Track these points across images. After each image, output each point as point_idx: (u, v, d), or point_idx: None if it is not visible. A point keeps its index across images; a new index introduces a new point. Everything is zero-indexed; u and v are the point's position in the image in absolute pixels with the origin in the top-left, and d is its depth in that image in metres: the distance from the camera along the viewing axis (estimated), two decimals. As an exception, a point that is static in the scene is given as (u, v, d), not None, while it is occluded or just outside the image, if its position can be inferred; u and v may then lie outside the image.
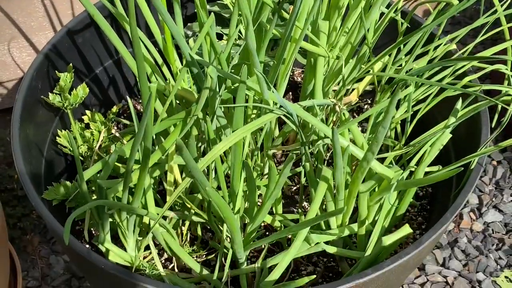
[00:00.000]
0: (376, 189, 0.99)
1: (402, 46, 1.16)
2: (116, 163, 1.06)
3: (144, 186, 0.93)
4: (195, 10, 1.06)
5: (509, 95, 1.04)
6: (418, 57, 1.15)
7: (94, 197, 1.09)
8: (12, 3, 1.38)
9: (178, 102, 1.10)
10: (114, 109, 1.23)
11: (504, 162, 1.61)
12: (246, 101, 1.02)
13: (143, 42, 1.04)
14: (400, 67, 1.15)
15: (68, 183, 1.09)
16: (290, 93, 1.43)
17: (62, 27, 1.45)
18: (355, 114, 1.37)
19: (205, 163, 0.86)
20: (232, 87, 0.98)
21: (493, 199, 1.54)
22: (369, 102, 1.40)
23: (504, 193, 1.55)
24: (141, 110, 1.41)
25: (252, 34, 0.84)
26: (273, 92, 0.89)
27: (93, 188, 1.11)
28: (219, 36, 1.31)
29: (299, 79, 1.46)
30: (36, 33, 1.45)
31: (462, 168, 0.81)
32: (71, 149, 1.15)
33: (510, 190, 1.56)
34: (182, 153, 0.78)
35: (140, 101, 1.43)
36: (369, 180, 0.97)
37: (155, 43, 1.11)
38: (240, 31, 1.22)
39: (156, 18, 1.09)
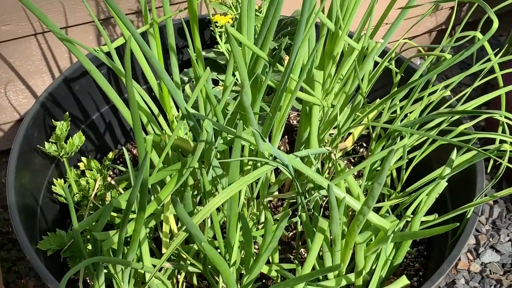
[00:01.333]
0: (373, 239, 0.99)
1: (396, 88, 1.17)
2: (111, 213, 1.05)
3: (139, 238, 0.92)
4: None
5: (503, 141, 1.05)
6: (414, 101, 1.16)
7: (89, 246, 1.09)
8: (9, 47, 1.39)
9: (173, 150, 1.10)
10: (110, 155, 1.23)
11: (500, 201, 1.61)
12: (242, 150, 1.02)
13: (139, 93, 1.04)
14: (395, 114, 1.16)
15: (62, 232, 1.08)
16: (286, 136, 1.43)
17: (59, 70, 1.47)
18: (350, 158, 1.38)
19: (200, 217, 0.86)
20: (228, 138, 0.98)
21: (490, 239, 1.54)
22: (365, 145, 1.41)
23: (501, 233, 1.55)
24: (137, 155, 1.42)
25: (248, 90, 0.84)
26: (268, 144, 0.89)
27: (88, 237, 1.10)
28: (215, 82, 1.32)
29: (295, 122, 1.47)
30: (33, 76, 1.46)
31: (458, 224, 0.81)
32: (66, 198, 1.15)
33: (507, 229, 1.55)
34: (177, 210, 0.78)
35: (136, 145, 1.43)
36: (366, 231, 0.97)
37: (150, 89, 1.12)
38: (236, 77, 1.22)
39: (152, 65, 1.09)
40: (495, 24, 0.86)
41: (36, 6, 0.83)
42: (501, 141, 1.10)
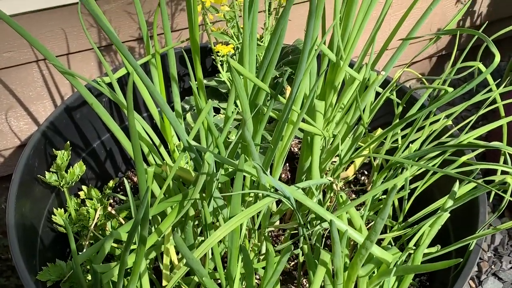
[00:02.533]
0: (375, 272, 0.98)
1: (398, 119, 1.17)
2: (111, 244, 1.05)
3: (139, 271, 0.91)
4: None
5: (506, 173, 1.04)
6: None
7: (89, 277, 1.08)
8: (11, 73, 1.39)
9: (174, 180, 1.09)
10: (111, 183, 1.23)
11: (502, 228, 1.61)
12: (244, 179, 1.02)
13: (140, 123, 1.04)
14: (397, 143, 1.15)
15: (62, 263, 1.07)
16: (287, 164, 1.43)
17: (60, 96, 1.47)
18: (352, 186, 1.37)
19: (201, 251, 0.85)
20: (230, 170, 0.98)
21: (492, 267, 1.53)
22: (366, 173, 1.40)
23: (503, 260, 1.54)
24: (138, 184, 1.41)
25: (250, 124, 0.84)
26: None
27: (88, 267, 1.10)
28: (216, 110, 1.32)
29: (296, 150, 1.47)
30: (34, 102, 1.46)
31: (461, 260, 0.81)
32: (66, 229, 1.14)
33: (509, 257, 1.54)
34: (179, 246, 0.77)
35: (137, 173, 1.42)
36: (368, 263, 0.96)
37: (151, 116, 1.12)
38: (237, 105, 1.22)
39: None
40: (497, 58, 0.86)
41: (37, 40, 0.83)
42: (503, 172, 1.10)
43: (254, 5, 0.91)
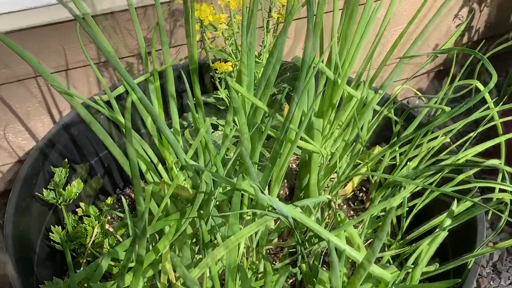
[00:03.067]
0: (374, 291, 0.98)
1: (396, 137, 1.17)
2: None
3: (137, 290, 0.91)
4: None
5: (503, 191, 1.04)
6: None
7: (87, 295, 1.07)
8: (9, 89, 1.39)
9: (172, 197, 1.09)
10: (109, 200, 1.22)
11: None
12: (242, 195, 1.01)
13: (138, 142, 1.04)
14: (395, 160, 1.15)
15: (59, 281, 1.07)
16: (285, 180, 1.42)
17: (58, 112, 1.47)
18: (350, 203, 1.37)
19: (199, 271, 0.85)
20: (228, 188, 0.98)
21: (491, 283, 1.52)
22: (364, 189, 1.40)
23: (501, 276, 1.53)
24: (135, 202, 1.41)
25: (248, 143, 0.84)
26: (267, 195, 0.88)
27: (86, 285, 1.09)
28: (214, 126, 1.32)
29: (294, 166, 1.47)
30: (32, 117, 1.46)
31: (459, 280, 0.81)
32: (63, 248, 1.13)
33: (508, 273, 1.54)
34: (177, 268, 0.77)
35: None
36: (367, 282, 0.96)
37: (149, 133, 1.12)
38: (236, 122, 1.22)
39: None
40: (494, 78, 0.86)
41: (34, 59, 0.83)
42: (501, 189, 1.10)
43: (252, 23, 0.91)
